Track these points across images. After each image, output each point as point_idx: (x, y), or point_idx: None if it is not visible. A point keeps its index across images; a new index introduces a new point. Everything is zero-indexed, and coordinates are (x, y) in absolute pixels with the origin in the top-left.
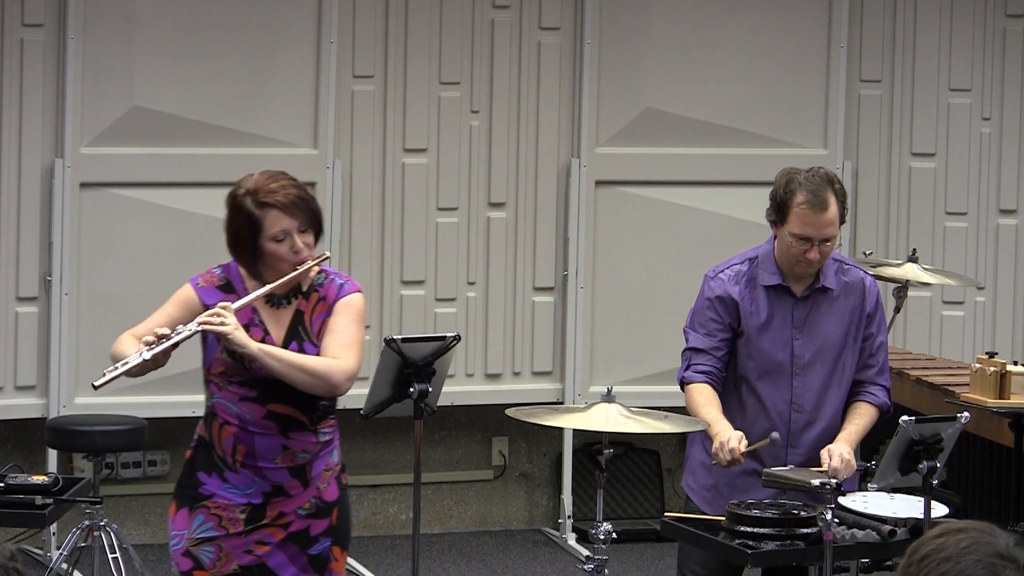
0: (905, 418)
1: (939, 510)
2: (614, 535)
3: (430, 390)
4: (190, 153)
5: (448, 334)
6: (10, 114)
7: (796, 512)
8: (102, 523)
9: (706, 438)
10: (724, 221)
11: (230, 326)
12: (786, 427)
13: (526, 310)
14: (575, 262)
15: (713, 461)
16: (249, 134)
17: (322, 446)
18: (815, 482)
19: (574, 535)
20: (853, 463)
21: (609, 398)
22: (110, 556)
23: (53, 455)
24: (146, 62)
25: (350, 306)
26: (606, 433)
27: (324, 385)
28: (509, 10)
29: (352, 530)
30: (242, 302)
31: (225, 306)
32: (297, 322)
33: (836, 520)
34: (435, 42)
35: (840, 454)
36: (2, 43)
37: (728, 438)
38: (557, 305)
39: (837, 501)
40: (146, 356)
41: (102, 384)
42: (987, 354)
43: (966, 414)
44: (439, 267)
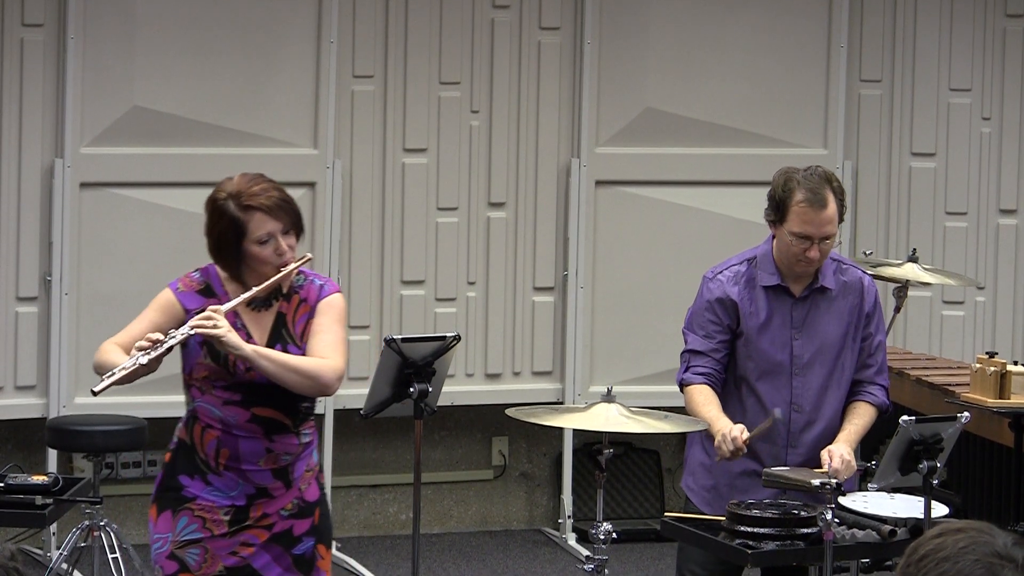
0: (905, 418)
1: (939, 510)
2: (614, 535)
3: (430, 390)
4: (190, 153)
5: (448, 334)
6: (10, 114)
7: (796, 512)
8: (102, 523)
9: (706, 438)
10: (724, 221)
11: (223, 329)
12: (786, 427)
13: (526, 310)
14: (575, 262)
15: (716, 457)
16: (249, 134)
17: (303, 447)
18: (815, 482)
19: (574, 535)
20: (853, 463)
21: (609, 398)
22: (110, 556)
23: (53, 455)
24: (146, 62)
25: (332, 306)
26: (606, 433)
27: (315, 385)
28: (509, 10)
29: (352, 530)
30: (231, 304)
31: (216, 309)
32: (280, 324)
33: (836, 520)
34: (435, 42)
35: (841, 455)
36: (2, 43)
37: (730, 429)
38: (557, 305)
39: (837, 501)
40: (142, 361)
41: (102, 390)
42: (987, 354)
43: (966, 414)
44: (439, 267)
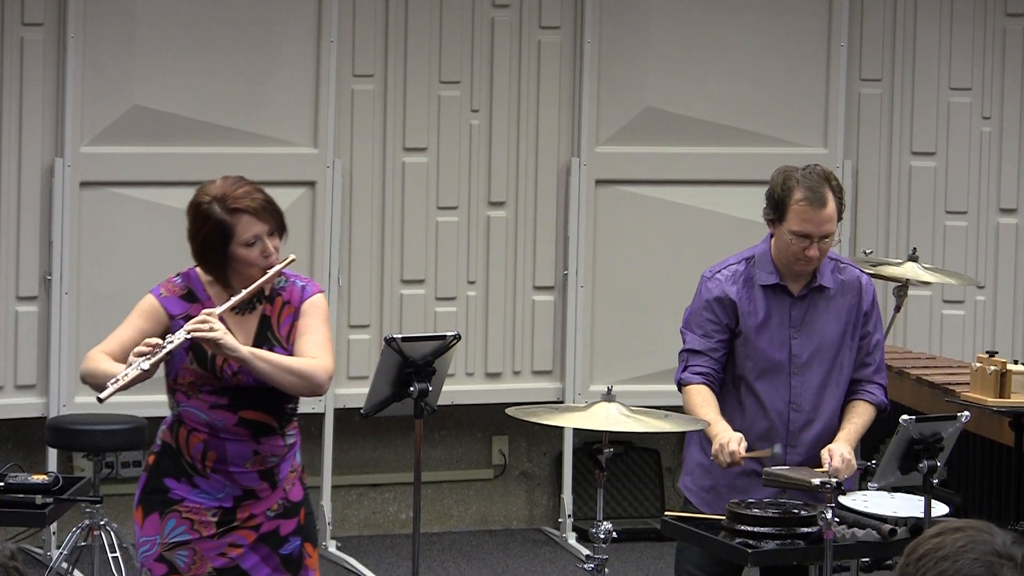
0: (905, 417)
1: (939, 509)
2: (614, 534)
3: (430, 389)
4: (190, 152)
5: (448, 333)
6: (10, 113)
7: (796, 511)
8: (102, 522)
9: (704, 439)
10: (724, 220)
11: (219, 332)
12: (784, 426)
13: (526, 309)
14: (575, 261)
15: (712, 459)
16: (249, 133)
17: (288, 448)
18: (816, 481)
19: (574, 534)
20: (854, 463)
21: (609, 397)
22: (110, 555)
23: (53, 454)
24: (146, 61)
25: (316, 307)
26: (606, 432)
27: (308, 385)
28: (509, 9)
29: (352, 529)
30: (224, 307)
31: (210, 312)
32: (264, 327)
33: (836, 519)
34: (435, 41)
35: (841, 454)
36: (2, 42)
37: (728, 440)
38: (557, 304)
39: (837, 500)
40: (144, 367)
41: (108, 396)
42: (987, 353)
43: (966, 413)
44: (439, 266)
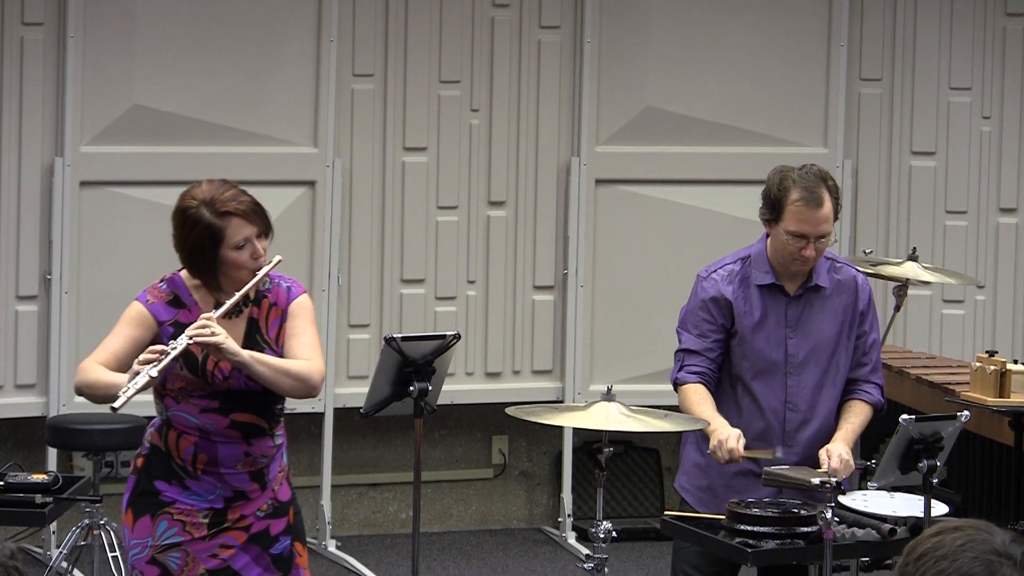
0: (905, 417)
1: (939, 509)
2: (614, 534)
3: (430, 389)
4: (190, 152)
5: (448, 332)
6: (10, 112)
7: (796, 511)
8: (102, 522)
9: (701, 438)
10: (724, 220)
11: (221, 336)
12: (781, 426)
13: (526, 309)
14: (575, 261)
15: (708, 451)
16: (249, 133)
17: (276, 449)
18: (815, 480)
19: (574, 534)
20: (852, 463)
21: (609, 397)
22: (110, 555)
23: (53, 454)
24: (146, 61)
25: (304, 308)
26: (606, 432)
27: (304, 387)
28: (509, 9)
29: (352, 529)
30: (221, 311)
31: (209, 317)
32: (253, 330)
33: (836, 519)
34: (435, 41)
35: (839, 455)
36: (2, 41)
37: (727, 436)
38: (557, 304)
39: (837, 500)
40: (153, 374)
41: (121, 406)
42: (987, 353)
43: (966, 413)
44: (439, 266)
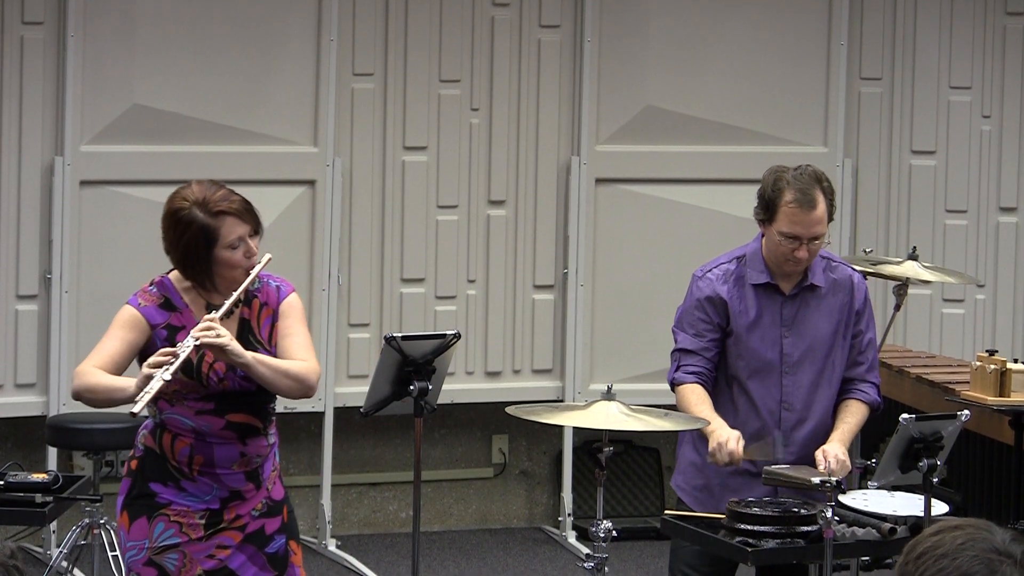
0: (905, 416)
1: (939, 508)
2: (614, 533)
3: (430, 388)
4: (190, 151)
5: (448, 332)
6: (10, 112)
7: (796, 510)
8: (102, 521)
9: (698, 438)
10: (724, 219)
11: (225, 337)
12: (777, 426)
13: (526, 308)
14: (575, 260)
15: (709, 459)
16: (249, 132)
17: (270, 448)
18: (816, 480)
19: (574, 533)
20: (848, 463)
21: (609, 396)
22: (110, 554)
23: (53, 453)
24: (146, 60)
25: (294, 307)
26: (606, 431)
27: (303, 388)
28: (509, 8)
29: (352, 528)
30: (222, 310)
31: (213, 319)
32: (245, 331)
33: (836, 518)
34: (435, 40)
35: (835, 455)
36: (2, 41)
37: (726, 439)
38: (557, 303)
39: (837, 499)
40: (167, 377)
41: (140, 410)
42: (987, 352)
43: (966, 412)
44: (439, 265)
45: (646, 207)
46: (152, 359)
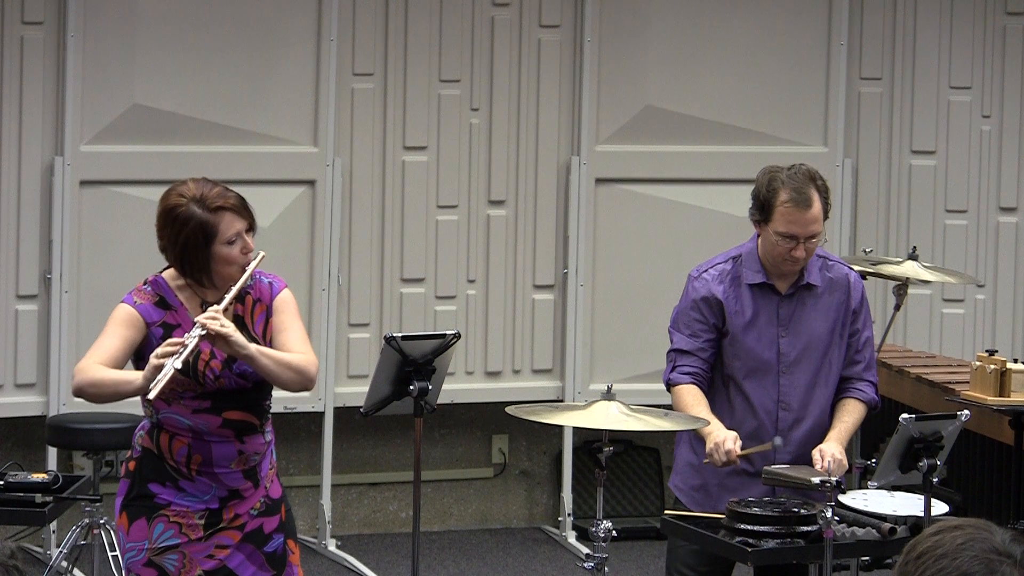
0: (905, 416)
1: (939, 508)
2: (614, 533)
3: (430, 388)
4: (190, 151)
5: (448, 332)
6: (10, 112)
7: (796, 510)
8: (102, 521)
9: (695, 438)
10: (724, 219)
11: (230, 328)
12: (774, 425)
13: (526, 308)
14: (575, 260)
15: (705, 460)
16: (249, 132)
17: (267, 446)
18: (815, 480)
19: (574, 533)
20: (845, 463)
21: (609, 396)
22: (110, 554)
23: (53, 453)
24: (146, 60)
25: (288, 302)
26: (606, 431)
27: (303, 380)
28: (509, 8)
29: (352, 528)
30: (224, 303)
31: (217, 309)
32: (239, 327)
33: (836, 518)
34: (435, 40)
35: (832, 455)
36: (2, 41)
37: (724, 439)
38: (557, 303)
39: (837, 499)
40: (178, 365)
41: (155, 396)
42: (987, 352)
43: (966, 412)
44: (439, 265)
45: (646, 207)
46: (160, 350)
